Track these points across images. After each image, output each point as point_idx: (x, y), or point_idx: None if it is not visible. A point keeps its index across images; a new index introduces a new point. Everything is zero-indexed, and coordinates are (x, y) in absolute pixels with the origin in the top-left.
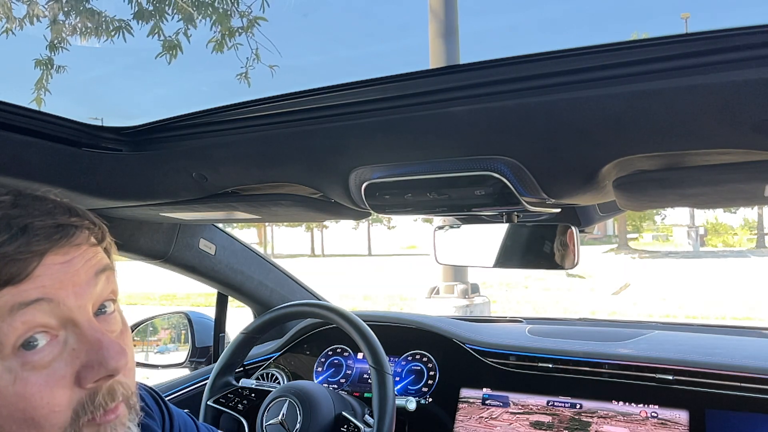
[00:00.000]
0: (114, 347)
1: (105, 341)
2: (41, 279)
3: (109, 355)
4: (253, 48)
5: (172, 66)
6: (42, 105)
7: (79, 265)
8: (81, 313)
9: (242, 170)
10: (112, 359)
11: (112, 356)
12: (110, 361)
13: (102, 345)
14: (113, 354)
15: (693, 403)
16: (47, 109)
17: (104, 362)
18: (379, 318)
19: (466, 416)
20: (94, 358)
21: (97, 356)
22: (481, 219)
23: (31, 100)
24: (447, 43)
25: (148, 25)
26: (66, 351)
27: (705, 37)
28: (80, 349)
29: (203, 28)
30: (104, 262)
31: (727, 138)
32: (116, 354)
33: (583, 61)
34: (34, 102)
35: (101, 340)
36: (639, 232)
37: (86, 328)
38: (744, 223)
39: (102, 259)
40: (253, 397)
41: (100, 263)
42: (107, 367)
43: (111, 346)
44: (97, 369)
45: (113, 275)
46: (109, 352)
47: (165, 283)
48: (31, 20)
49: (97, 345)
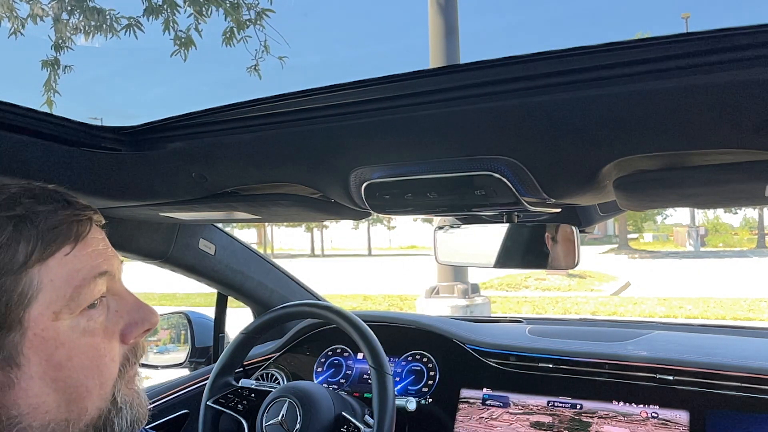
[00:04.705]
0: (148, 307)
1: (141, 303)
2: (100, 251)
3: (149, 312)
4: (261, 40)
5: (172, 66)
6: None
7: (109, 246)
8: (120, 283)
9: (242, 170)
10: (152, 314)
11: (151, 312)
12: (152, 316)
13: (141, 305)
14: (151, 311)
15: (693, 403)
16: (58, 111)
17: (147, 317)
18: (379, 318)
19: (467, 416)
20: (137, 316)
21: (139, 314)
22: (482, 219)
23: (42, 103)
24: (447, 43)
25: (158, 21)
26: (110, 313)
27: (705, 37)
28: (122, 311)
29: (211, 24)
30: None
31: (727, 138)
32: (152, 312)
33: (583, 61)
34: (45, 105)
35: (139, 303)
36: (639, 232)
37: (125, 294)
38: (744, 223)
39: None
40: (253, 397)
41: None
42: (150, 320)
43: (147, 306)
44: (141, 324)
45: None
46: (148, 310)
47: (165, 283)
48: (34, 20)
49: (137, 305)
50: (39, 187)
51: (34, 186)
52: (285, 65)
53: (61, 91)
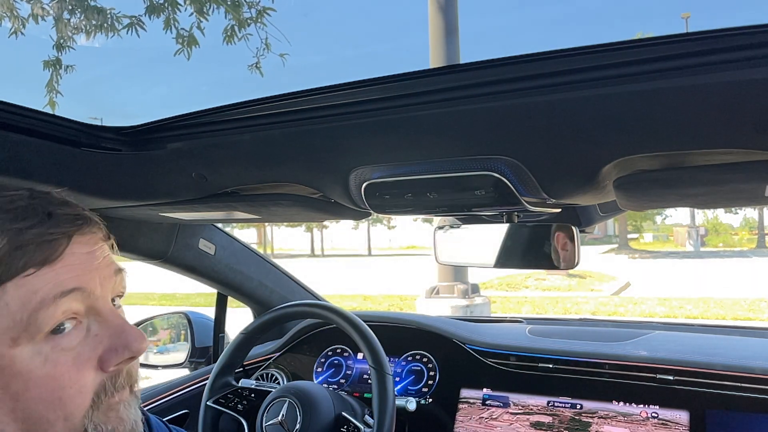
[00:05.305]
0: (135, 331)
1: (127, 327)
2: (73, 267)
3: (133, 338)
4: (262, 38)
5: (172, 66)
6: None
7: (101, 259)
8: (104, 302)
9: (242, 170)
10: (135, 341)
11: (135, 338)
12: (134, 343)
13: (125, 330)
14: (136, 337)
15: (693, 403)
16: (59, 111)
17: (129, 345)
18: (379, 318)
19: (467, 416)
20: (118, 342)
21: (120, 340)
22: (482, 219)
23: (45, 104)
24: (447, 43)
25: (159, 20)
26: (89, 336)
27: (705, 37)
28: (103, 335)
29: (213, 22)
30: (118, 262)
31: (727, 138)
32: (139, 337)
33: (583, 61)
34: (48, 106)
35: (123, 326)
36: (639, 232)
37: (109, 315)
38: (744, 223)
39: (115, 259)
40: (253, 397)
41: (116, 263)
42: (131, 349)
43: (133, 330)
44: (121, 352)
45: (125, 277)
46: (132, 335)
47: (165, 283)
48: (36, 19)
49: (120, 330)
50: (26, 196)
51: (20, 195)
52: (285, 65)
53: (62, 91)
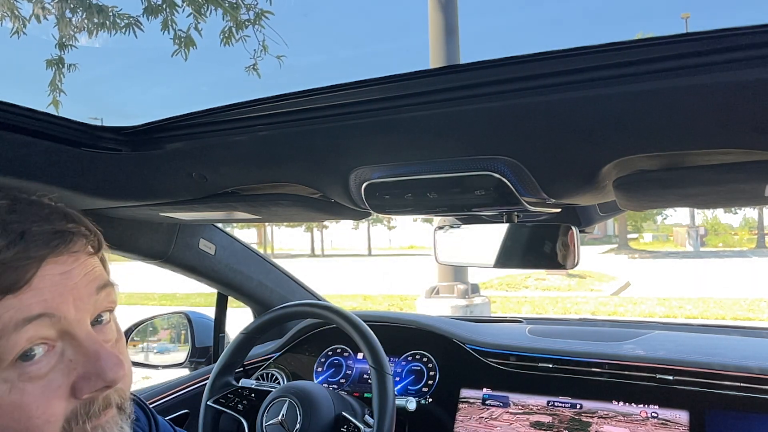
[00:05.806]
0: (112, 359)
1: (103, 353)
2: (42, 291)
3: (108, 367)
4: (260, 40)
5: (172, 66)
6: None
7: (79, 278)
8: (79, 325)
9: (242, 170)
10: (110, 370)
11: (110, 367)
12: (108, 372)
13: (100, 356)
14: (111, 365)
15: (693, 403)
16: (61, 112)
17: (102, 374)
18: (379, 318)
19: (467, 416)
20: (92, 369)
21: (94, 368)
22: (482, 219)
23: (48, 104)
24: (447, 43)
25: (157, 20)
26: (63, 362)
27: (705, 37)
28: (77, 361)
29: (211, 23)
30: (105, 277)
31: (727, 138)
32: (114, 365)
33: (583, 61)
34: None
35: (99, 352)
36: (639, 232)
37: (84, 339)
38: (744, 223)
39: (101, 273)
40: (253, 397)
41: (101, 278)
42: (105, 378)
43: (109, 358)
44: (94, 380)
45: (113, 291)
46: (107, 363)
47: (165, 283)
48: (38, 19)
49: (95, 356)
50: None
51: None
52: (284, 65)
53: (65, 90)
